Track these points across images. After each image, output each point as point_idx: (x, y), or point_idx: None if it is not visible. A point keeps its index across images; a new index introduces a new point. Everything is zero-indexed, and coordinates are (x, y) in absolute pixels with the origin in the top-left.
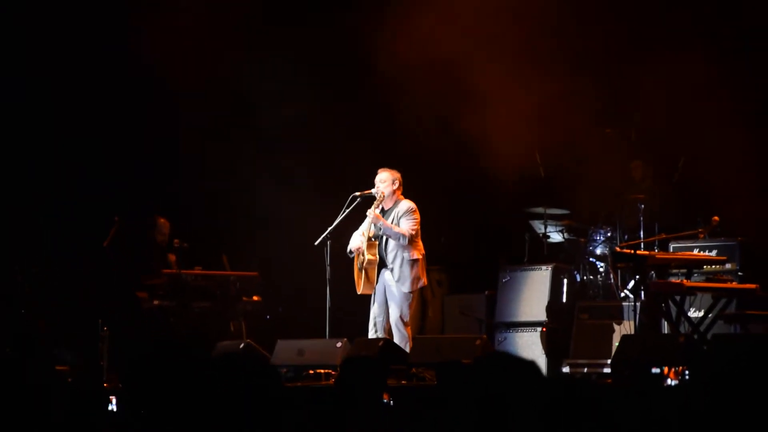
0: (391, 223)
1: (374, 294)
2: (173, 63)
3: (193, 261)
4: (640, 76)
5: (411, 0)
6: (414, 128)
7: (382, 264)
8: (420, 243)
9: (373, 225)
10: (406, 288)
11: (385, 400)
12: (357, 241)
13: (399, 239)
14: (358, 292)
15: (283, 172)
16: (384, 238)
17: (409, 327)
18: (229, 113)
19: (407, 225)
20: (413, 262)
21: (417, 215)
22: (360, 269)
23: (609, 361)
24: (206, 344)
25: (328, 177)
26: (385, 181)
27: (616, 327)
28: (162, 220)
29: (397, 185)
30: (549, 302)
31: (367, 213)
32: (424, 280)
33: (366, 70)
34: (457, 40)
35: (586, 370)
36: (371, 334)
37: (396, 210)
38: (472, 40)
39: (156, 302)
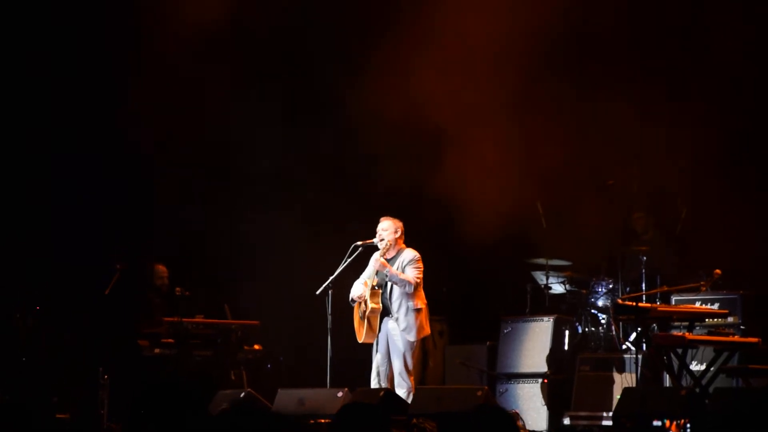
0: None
1: (376, 343)
2: (165, 112)
3: (194, 309)
4: (641, 127)
5: (405, 52)
6: (410, 178)
7: (384, 313)
8: (422, 292)
9: (377, 273)
10: (411, 337)
11: None
12: (359, 289)
13: (405, 287)
14: (359, 341)
15: (283, 222)
16: (389, 286)
17: (413, 377)
18: (226, 163)
19: (412, 273)
20: (417, 311)
21: (421, 264)
22: (362, 318)
23: (610, 414)
24: (207, 392)
25: (327, 226)
26: (387, 229)
27: (617, 379)
28: (159, 266)
29: (399, 234)
30: (550, 353)
31: (371, 260)
32: (427, 329)
33: (362, 126)
34: (454, 92)
35: (586, 422)
36: (374, 384)
37: (400, 258)
38: (468, 92)
39: (157, 350)
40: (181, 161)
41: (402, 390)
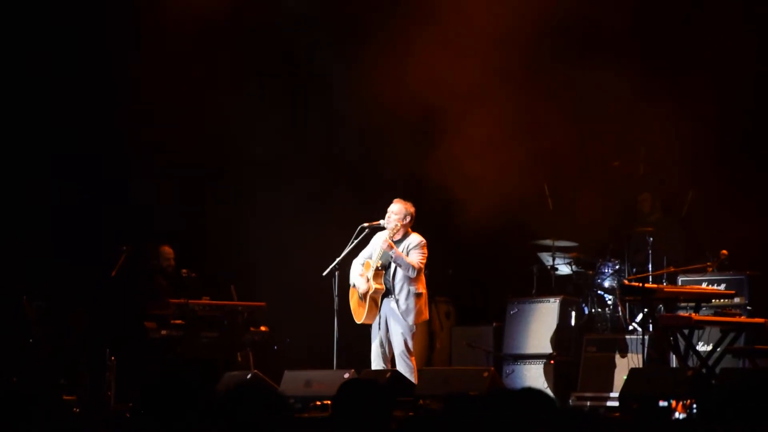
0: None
1: (377, 323)
2: (168, 96)
3: (201, 291)
4: (647, 109)
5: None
6: (415, 160)
7: (385, 293)
8: (424, 278)
9: (382, 253)
10: (410, 320)
11: None
12: (358, 276)
13: (408, 270)
14: (358, 322)
15: (289, 203)
16: (392, 268)
17: (414, 358)
18: (228, 148)
19: (416, 258)
20: (418, 295)
21: (426, 251)
22: (362, 299)
23: (616, 394)
24: (214, 374)
25: (333, 207)
26: (397, 213)
27: (623, 360)
28: (165, 248)
29: (408, 220)
30: (556, 334)
31: (375, 237)
32: (425, 315)
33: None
34: (457, 74)
35: (589, 403)
36: (375, 365)
37: (406, 242)
38: (471, 74)
39: (164, 332)
40: (183, 148)
41: (404, 371)
